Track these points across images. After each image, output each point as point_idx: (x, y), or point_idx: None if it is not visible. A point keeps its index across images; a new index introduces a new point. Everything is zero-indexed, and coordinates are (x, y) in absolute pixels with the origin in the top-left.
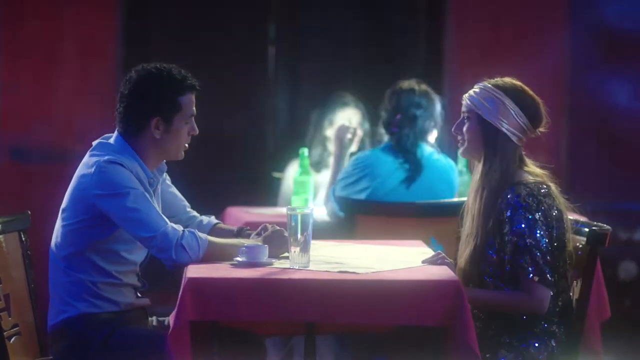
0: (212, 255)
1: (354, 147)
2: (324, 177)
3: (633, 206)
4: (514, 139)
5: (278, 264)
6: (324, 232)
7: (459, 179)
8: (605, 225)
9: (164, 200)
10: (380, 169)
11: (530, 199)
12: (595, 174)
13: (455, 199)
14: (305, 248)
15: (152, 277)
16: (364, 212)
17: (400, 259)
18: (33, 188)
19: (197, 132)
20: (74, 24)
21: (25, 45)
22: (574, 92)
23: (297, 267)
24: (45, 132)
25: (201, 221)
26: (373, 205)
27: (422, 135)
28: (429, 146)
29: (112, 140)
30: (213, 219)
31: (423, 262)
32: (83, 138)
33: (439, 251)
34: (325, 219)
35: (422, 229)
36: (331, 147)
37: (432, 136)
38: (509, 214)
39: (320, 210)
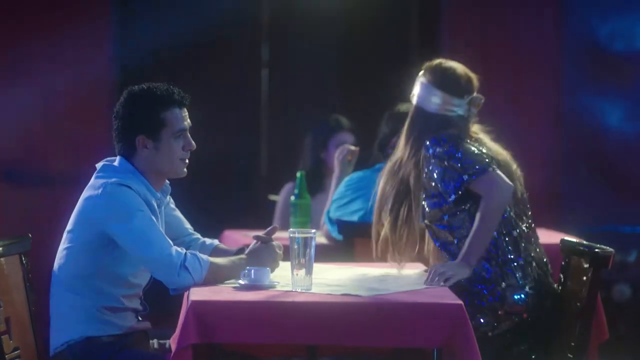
0: (215, 275)
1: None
2: (319, 200)
3: (626, 229)
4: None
5: (280, 286)
6: (322, 255)
7: None
8: (607, 247)
9: (168, 223)
10: (373, 190)
11: (447, 138)
12: (589, 197)
13: None
14: (307, 271)
15: (153, 299)
16: (362, 235)
17: (401, 281)
18: (34, 211)
19: (194, 146)
20: (67, 48)
21: (19, 67)
22: (566, 115)
23: (299, 290)
24: (39, 154)
25: (204, 242)
26: (370, 228)
27: None
28: None
29: (116, 163)
30: (215, 241)
31: (425, 284)
32: (81, 161)
33: (434, 266)
34: (323, 242)
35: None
36: (324, 170)
37: None
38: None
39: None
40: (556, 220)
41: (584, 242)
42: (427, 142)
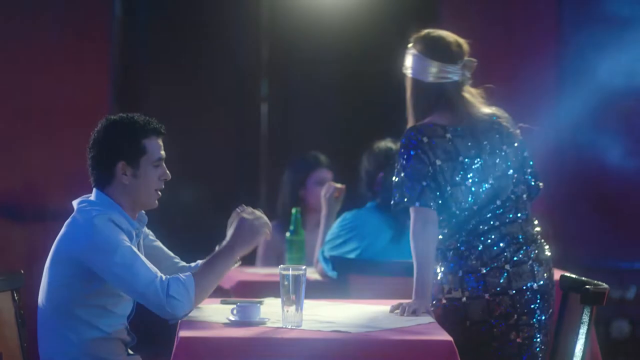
0: (205, 285)
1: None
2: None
3: (625, 265)
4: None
5: (271, 323)
6: (317, 291)
7: None
8: (602, 283)
9: (151, 255)
10: (367, 229)
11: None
12: (588, 233)
13: None
14: (298, 307)
15: (142, 331)
16: (356, 272)
17: (392, 318)
18: (27, 246)
19: (170, 177)
20: (64, 79)
21: (15, 99)
22: (566, 153)
23: (289, 327)
24: (34, 188)
25: (190, 267)
26: (365, 265)
27: None
28: None
29: (92, 197)
30: (199, 262)
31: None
32: (74, 195)
33: (401, 304)
34: (317, 278)
35: None
36: (303, 207)
37: None
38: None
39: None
40: (555, 256)
41: (582, 278)
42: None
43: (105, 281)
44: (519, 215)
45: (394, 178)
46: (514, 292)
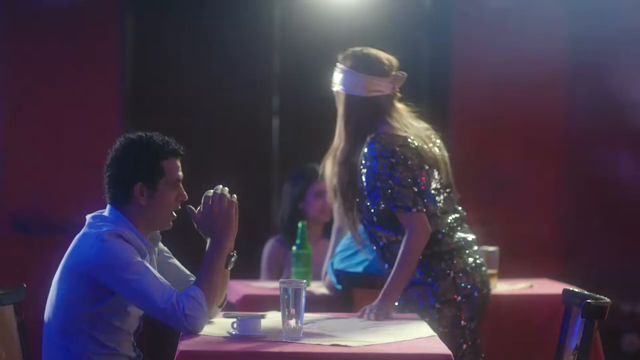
0: (212, 290)
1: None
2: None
3: (637, 278)
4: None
5: (271, 336)
6: (322, 305)
7: None
8: (604, 297)
9: (165, 272)
10: None
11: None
12: (600, 246)
13: None
14: (298, 321)
15: (147, 347)
16: (360, 285)
17: (393, 332)
18: (32, 260)
19: (187, 197)
20: (76, 94)
21: (27, 114)
22: (576, 166)
23: (289, 340)
24: (47, 203)
25: None
26: (369, 279)
27: None
28: None
29: (106, 213)
30: None
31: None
32: (86, 209)
33: (366, 307)
34: (325, 292)
35: None
36: (302, 220)
37: None
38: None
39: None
40: (564, 270)
41: (585, 292)
42: (366, 149)
43: (112, 297)
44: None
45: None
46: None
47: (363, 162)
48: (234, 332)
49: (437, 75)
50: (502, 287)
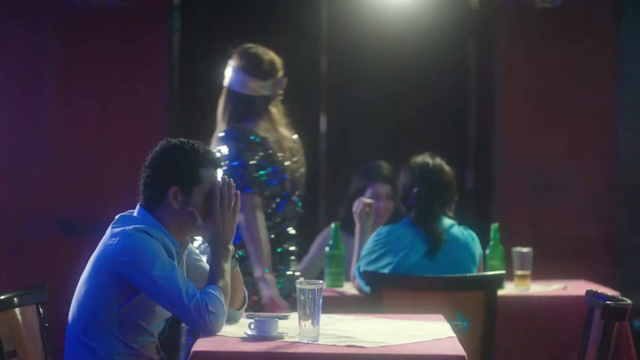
0: (227, 288)
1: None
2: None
3: None
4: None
5: (288, 337)
6: (350, 306)
7: (480, 248)
8: (625, 299)
9: (193, 273)
10: (401, 243)
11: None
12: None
13: (486, 273)
14: (314, 322)
15: (171, 350)
16: (390, 287)
17: (413, 333)
18: (79, 262)
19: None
20: (124, 97)
21: (75, 117)
22: (624, 166)
23: (306, 341)
24: (94, 204)
25: None
26: (399, 280)
27: (441, 207)
28: (448, 218)
29: (135, 213)
30: None
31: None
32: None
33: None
34: (355, 293)
35: (449, 303)
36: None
37: (450, 208)
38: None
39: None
40: (611, 272)
41: (607, 293)
42: (221, 134)
43: (138, 295)
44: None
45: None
46: None
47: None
48: (251, 333)
49: (481, 77)
50: (535, 288)
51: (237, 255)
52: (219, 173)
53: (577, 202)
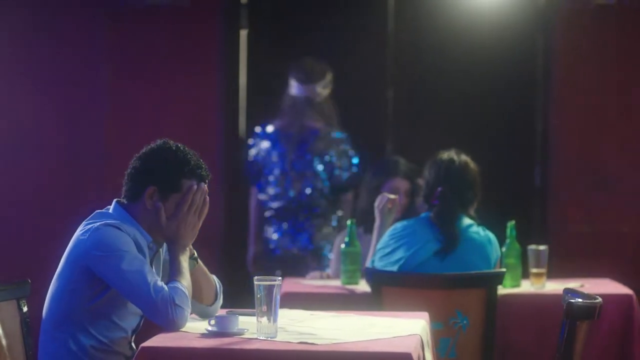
0: (189, 287)
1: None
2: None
3: None
4: None
5: (249, 334)
6: (350, 303)
7: (498, 250)
8: (596, 297)
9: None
10: (415, 239)
11: None
12: None
13: (486, 271)
14: (271, 318)
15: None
16: (389, 284)
17: (380, 330)
18: None
19: None
20: (177, 95)
21: (128, 115)
22: None
23: (262, 338)
24: None
25: None
26: (397, 277)
27: (463, 207)
28: (469, 218)
29: (110, 210)
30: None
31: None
32: None
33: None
34: (366, 290)
35: (449, 301)
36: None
37: (473, 207)
38: None
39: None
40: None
41: (583, 291)
42: None
43: (109, 291)
44: None
45: None
46: None
47: None
48: (211, 329)
49: (545, 74)
50: (551, 287)
51: (195, 255)
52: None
53: (637, 199)
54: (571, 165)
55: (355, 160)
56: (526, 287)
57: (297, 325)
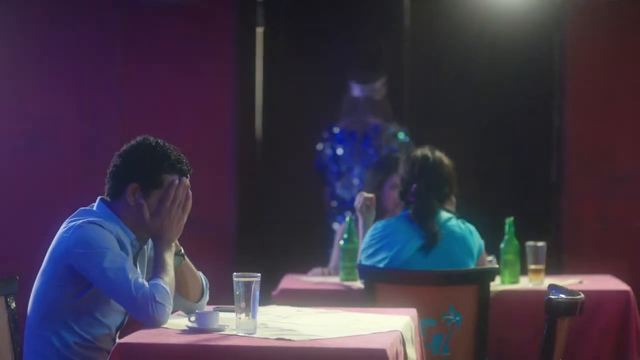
0: (172, 283)
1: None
2: None
3: None
4: None
5: (229, 330)
6: (343, 300)
7: (480, 240)
8: (579, 293)
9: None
10: (397, 238)
11: None
12: None
13: (479, 267)
14: (249, 314)
15: None
16: (382, 281)
17: (361, 326)
18: None
19: None
20: (191, 92)
21: (142, 111)
22: None
23: (241, 334)
24: None
25: None
26: (390, 274)
27: (440, 202)
28: (447, 212)
29: (94, 207)
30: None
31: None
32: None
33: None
34: (360, 286)
35: (442, 297)
36: (379, 210)
37: (450, 201)
38: None
39: None
40: None
41: (567, 287)
42: None
43: (92, 288)
44: None
45: None
46: None
47: None
48: (191, 325)
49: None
50: (550, 283)
51: (182, 251)
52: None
53: None
54: (585, 162)
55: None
56: (525, 283)
57: (280, 322)
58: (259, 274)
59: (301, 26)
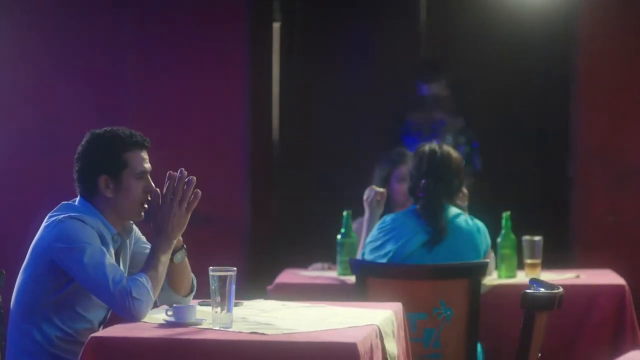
0: (159, 278)
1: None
2: None
3: None
4: None
5: (206, 324)
6: (336, 294)
7: (488, 239)
8: (558, 287)
9: (139, 261)
10: (403, 232)
11: None
12: None
13: (469, 261)
14: (225, 308)
15: None
16: (373, 275)
17: (339, 320)
18: None
19: (154, 189)
20: (203, 89)
21: (154, 108)
22: None
23: (217, 328)
24: None
25: None
26: (381, 268)
27: (449, 197)
28: (455, 208)
29: (75, 202)
30: None
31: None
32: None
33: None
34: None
35: (433, 291)
36: (387, 204)
37: (460, 197)
38: None
39: None
40: None
41: (547, 281)
42: None
43: (74, 283)
44: None
45: None
46: None
47: None
48: (168, 319)
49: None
50: (546, 277)
51: (184, 247)
52: (145, 154)
53: None
54: (597, 155)
55: (475, 145)
56: (521, 277)
57: (260, 316)
58: (235, 268)
59: (318, 21)
